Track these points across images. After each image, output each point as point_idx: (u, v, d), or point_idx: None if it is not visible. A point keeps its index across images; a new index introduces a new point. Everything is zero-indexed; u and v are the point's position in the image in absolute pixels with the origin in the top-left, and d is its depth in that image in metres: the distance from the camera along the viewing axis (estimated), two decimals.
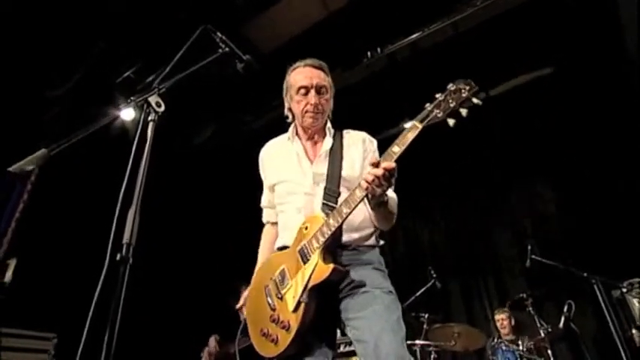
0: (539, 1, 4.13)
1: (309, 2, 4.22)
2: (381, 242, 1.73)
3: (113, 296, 0.95)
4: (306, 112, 1.76)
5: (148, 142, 1.16)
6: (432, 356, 3.99)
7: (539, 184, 5.33)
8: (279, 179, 1.80)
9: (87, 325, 0.93)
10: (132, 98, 1.25)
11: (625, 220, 4.23)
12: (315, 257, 1.49)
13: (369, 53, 4.43)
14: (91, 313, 0.95)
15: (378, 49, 4.44)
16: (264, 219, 1.98)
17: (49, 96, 4.55)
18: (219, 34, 1.56)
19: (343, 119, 1.97)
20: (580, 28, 4.38)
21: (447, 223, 5.76)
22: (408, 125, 1.47)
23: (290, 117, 1.88)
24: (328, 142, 1.80)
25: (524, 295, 3.99)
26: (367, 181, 1.41)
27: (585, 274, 3.36)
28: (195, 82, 4.59)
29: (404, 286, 4.41)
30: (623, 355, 3.02)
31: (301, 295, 1.47)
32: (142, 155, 1.15)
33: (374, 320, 1.45)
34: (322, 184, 1.67)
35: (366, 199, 1.49)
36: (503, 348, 3.76)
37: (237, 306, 1.80)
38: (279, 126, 2.02)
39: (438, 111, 1.49)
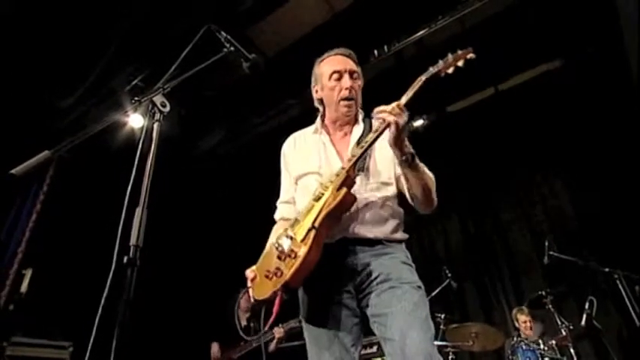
0: None
1: (314, 3, 4.21)
2: (406, 236, 1.66)
3: (121, 299, 0.92)
4: (341, 98, 1.71)
5: (153, 142, 1.15)
6: (450, 357, 3.91)
7: (555, 179, 5.23)
8: (305, 171, 1.72)
9: (94, 330, 0.90)
10: (136, 98, 1.24)
11: None
12: (329, 191, 1.48)
13: (375, 52, 4.39)
14: (98, 318, 0.92)
15: (385, 48, 4.40)
16: (279, 215, 1.84)
17: (60, 106, 4.62)
18: (223, 33, 1.54)
19: None
20: (588, 18, 4.29)
21: (461, 221, 5.67)
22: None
23: (320, 108, 1.83)
24: (358, 131, 1.73)
25: (544, 293, 3.89)
26: (379, 110, 1.46)
27: (607, 269, 3.26)
28: (203, 87, 4.64)
29: None
30: None
31: (312, 223, 1.42)
32: (148, 156, 1.14)
33: (402, 317, 1.39)
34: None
35: (399, 164, 1.52)
36: (524, 347, 3.67)
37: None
38: (288, 128, 1.98)
39: (439, 68, 1.64)
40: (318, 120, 1.83)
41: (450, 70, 1.63)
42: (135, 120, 4.38)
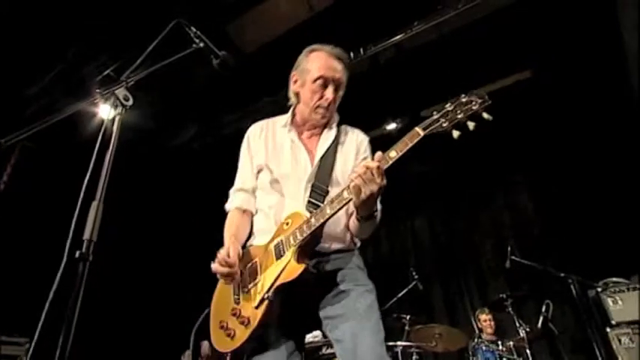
0: (520, 4, 4.19)
1: (294, 2, 4.20)
2: (359, 243, 1.66)
3: (71, 295, 0.91)
4: (318, 107, 1.63)
5: (113, 136, 1.12)
6: (414, 357, 3.99)
7: (519, 187, 5.42)
8: (268, 166, 1.65)
9: (39, 327, 0.88)
10: (98, 90, 1.21)
11: (600, 221, 4.32)
12: (289, 255, 1.41)
13: (351, 54, 4.43)
14: (44, 314, 0.90)
15: (361, 50, 4.45)
16: (233, 204, 1.71)
17: (26, 94, 4.44)
18: (193, 28, 1.51)
19: None
20: (561, 30, 4.45)
21: (429, 225, 5.79)
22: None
23: (294, 100, 1.72)
24: (328, 136, 1.68)
25: (504, 296, 4.02)
26: (357, 173, 1.31)
27: (562, 274, 3.42)
28: (176, 83, 4.55)
29: (386, 287, 4.42)
30: (597, 353, 3.07)
31: (267, 292, 1.39)
32: (107, 149, 1.11)
33: (354, 320, 1.40)
34: (312, 181, 1.57)
35: (354, 211, 1.42)
36: (484, 348, 3.80)
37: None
38: None
39: (443, 120, 1.41)
40: (289, 114, 1.75)
41: (456, 134, 1.40)
42: (105, 111, 4.25)
